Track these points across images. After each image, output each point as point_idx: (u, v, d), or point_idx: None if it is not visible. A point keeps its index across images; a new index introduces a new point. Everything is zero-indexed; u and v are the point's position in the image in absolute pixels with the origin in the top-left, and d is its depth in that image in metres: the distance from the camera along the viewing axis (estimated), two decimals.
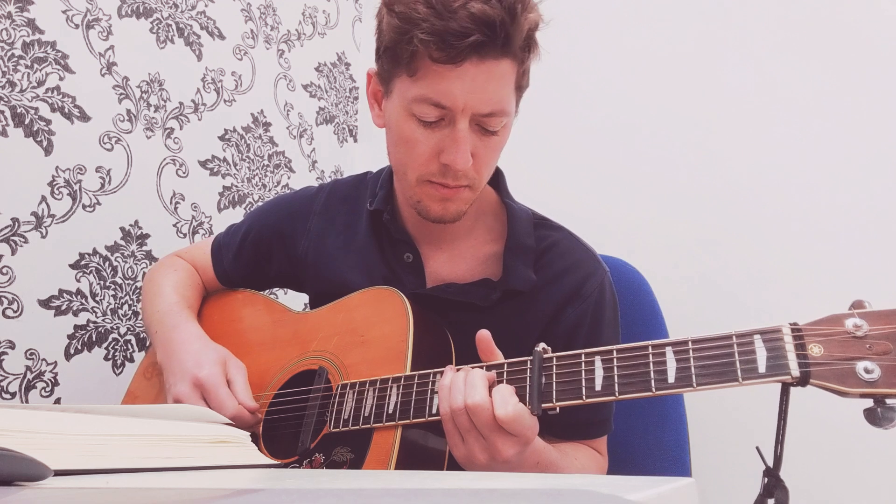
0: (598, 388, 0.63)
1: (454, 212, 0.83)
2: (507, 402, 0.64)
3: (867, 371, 0.52)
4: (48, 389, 1.07)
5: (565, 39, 1.53)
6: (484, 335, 0.71)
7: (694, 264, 1.33)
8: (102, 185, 1.17)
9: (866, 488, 1.14)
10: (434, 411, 0.71)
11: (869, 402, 0.52)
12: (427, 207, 0.83)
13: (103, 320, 1.16)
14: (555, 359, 0.67)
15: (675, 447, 1.05)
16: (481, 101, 0.74)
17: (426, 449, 0.75)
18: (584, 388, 0.64)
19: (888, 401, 0.51)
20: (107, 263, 1.17)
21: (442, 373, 0.72)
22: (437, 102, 0.74)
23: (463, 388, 0.66)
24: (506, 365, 0.69)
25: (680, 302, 1.25)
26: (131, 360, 1.19)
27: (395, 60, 0.76)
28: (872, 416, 0.52)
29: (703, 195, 1.35)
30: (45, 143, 1.08)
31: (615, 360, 0.63)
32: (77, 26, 1.15)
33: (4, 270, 1.03)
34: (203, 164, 1.37)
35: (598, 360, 0.64)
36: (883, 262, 1.17)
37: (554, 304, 0.86)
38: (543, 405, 0.65)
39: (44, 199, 1.08)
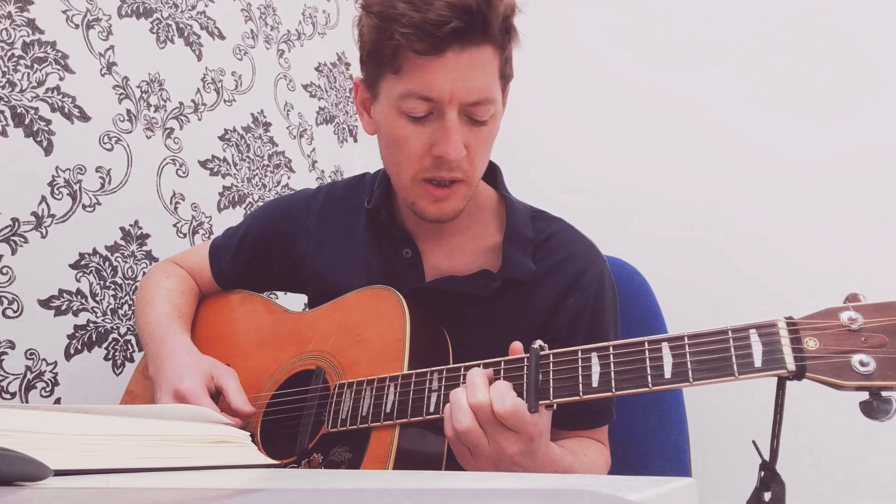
0: (595, 384, 0.63)
1: (450, 210, 0.84)
2: (504, 397, 0.64)
3: (863, 364, 0.52)
4: (48, 389, 1.07)
5: (561, 35, 1.53)
6: (516, 346, 0.71)
7: (694, 264, 1.34)
8: (102, 185, 1.17)
9: (862, 481, 1.14)
10: (432, 410, 0.71)
11: (865, 395, 0.53)
12: (423, 208, 0.84)
13: (103, 320, 1.16)
14: (551, 356, 0.67)
15: (675, 447, 1.04)
16: (467, 90, 0.76)
17: (424, 448, 0.76)
18: (581, 385, 0.64)
19: (884, 393, 0.52)
20: (107, 263, 1.17)
21: (440, 371, 0.72)
22: (424, 95, 0.76)
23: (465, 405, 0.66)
24: (503, 363, 0.69)
25: (680, 302, 1.25)
26: (131, 360, 1.20)
27: (379, 61, 0.78)
28: (868, 409, 0.52)
29: (702, 195, 1.35)
30: (45, 143, 1.09)
31: (612, 356, 0.63)
32: (77, 26, 1.15)
33: (4, 270, 1.03)
34: (203, 164, 1.38)
35: (594, 357, 0.64)
36: (877, 255, 1.17)
37: (554, 295, 0.87)
38: (541, 402, 0.65)
39: (44, 199, 1.08)
